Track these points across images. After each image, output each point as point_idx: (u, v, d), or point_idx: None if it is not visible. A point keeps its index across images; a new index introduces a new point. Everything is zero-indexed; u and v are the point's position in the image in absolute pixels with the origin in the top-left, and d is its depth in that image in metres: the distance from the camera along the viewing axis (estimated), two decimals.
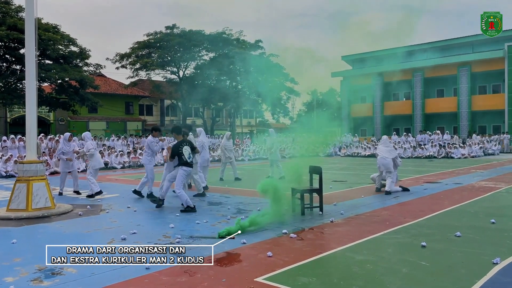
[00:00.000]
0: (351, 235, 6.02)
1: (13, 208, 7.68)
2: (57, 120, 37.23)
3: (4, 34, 23.68)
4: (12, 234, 6.31)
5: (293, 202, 7.77)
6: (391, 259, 4.85)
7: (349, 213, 7.65)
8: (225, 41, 35.44)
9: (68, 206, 8.33)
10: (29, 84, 8.13)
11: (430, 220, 7.04)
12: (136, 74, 36.53)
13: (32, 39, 8.07)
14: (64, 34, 28.52)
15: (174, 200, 9.56)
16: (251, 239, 5.75)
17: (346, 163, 21.94)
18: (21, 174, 7.93)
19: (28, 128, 8.12)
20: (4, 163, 15.64)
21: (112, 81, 42.14)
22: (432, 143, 26.74)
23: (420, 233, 6.05)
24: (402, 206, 8.40)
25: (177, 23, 40.56)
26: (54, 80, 28.23)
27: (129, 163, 19.71)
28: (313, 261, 4.82)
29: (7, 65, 27.46)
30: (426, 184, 12.03)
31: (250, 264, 4.71)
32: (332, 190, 10.74)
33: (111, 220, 7.28)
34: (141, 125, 41.98)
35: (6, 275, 4.36)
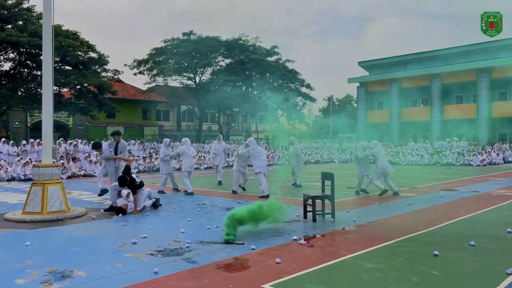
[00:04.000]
0: (362, 242, 5.94)
1: (29, 211, 7.82)
2: (76, 124, 37.90)
3: (26, 40, 24.25)
4: (26, 236, 6.42)
5: (305, 208, 7.72)
6: (401, 268, 4.77)
7: (361, 220, 7.56)
8: (241, 47, 35.61)
9: (82, 210, 8.44)
10: (46, 89, 8.29)
11: (444, 228, 6.90)
12: (153, 80, 36.97)
13: (49, 46, 8.24)
14: (84, 41, 29.09)
15: (186, 204, 9.61)
16: (260, 245, 5.73)
17: None
18: (37, 178, 8.07)
19: (44, 133, 8.28)
20: (23, 166, 15.96)
21: (130, 87, 42.72)
22: (450, 150, 26.29)
23: (433, 242, 5.94)
24: (416, 214, 8.27)
25: (194, 29, 40.95)
26: (73, 85, 28.78)
27: (144, 167, 19.89)
28: (321, 269, 4.77)
29: (28, 71, 28.12)
30: (442, 191, 11.82)
31: (258, 270, 4.69)
32: (346, 197, 10.64)
33: (122, 224, 7.35)
34: (158, 130, 42.38)
35: (18, 277, 4.43)
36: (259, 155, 11.17)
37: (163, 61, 35.43)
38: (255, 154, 11.14)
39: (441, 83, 37.31)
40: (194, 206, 9.31)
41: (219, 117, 40.88)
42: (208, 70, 37.32)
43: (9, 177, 15.77)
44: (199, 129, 38.95)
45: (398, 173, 18.65)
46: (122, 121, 40.44)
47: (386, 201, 10.01)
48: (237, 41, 35.81)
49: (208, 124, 44.67)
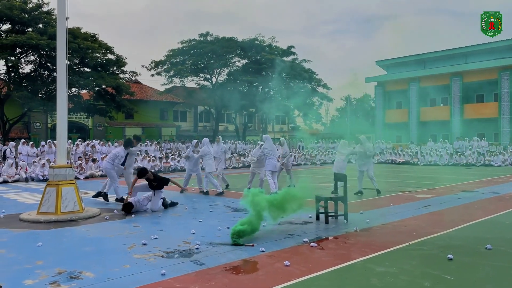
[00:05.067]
0: (374, 245, 5.82)
1: (43, 211, 7.93)
2: (95, 126, 38.45)
3: (45, 43, 24.67)
4: (40, 237, 6.50)
5: (317, 209, 7.62)
6: (413, 272, 4.64)
7: (375, 222, 7.42)
8: (258, 48, 35.56)
9: (95, 210, 8.52)
10: (60, 92, 8.43)
11: (461, 231, 6.72)
12: (171, 81, 37.22)
13: (63, 49, 8.39)
14: (102, 43, 29.44)
15: (199, 205, 9.62)
16: (270, 247, 5.67)
17: (378, 170, 21.41)
18: (51, 178, 8.18)
19: (58, 134, 8.39)
20: (41, 167, 16.25)
21: (147, 88, 43.14)
22: (470, 150, 25.73)
23: (448, 245, 5.78)
24: (432, 216, 8.08)
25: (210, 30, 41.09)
26: (92, 87, 29.17)
27: (160, 168, 20.03)
28: (330, 272, 4.68)
29: (48, 73, 28.59)
30: (461, 193, 11.55)
31: (266, 273, 4.63)
32: (360, 198, 10.49)
33: (134, 225, 7.38)
34: (175, 131, 42.68)
35: (27, 278, 4.47)
36: (272, 153, 11.12)
37: (180, 62, 35.63)
38: (269, 153, 11.08)
39: (461, 82, 36.54)
40: (206, 207, 9.30)
41: (235, 118, 40.93)
42: (224, 70, 37.40)
43: (28, 177, 16.08)
44: (216, 130, 39.04)
45: (416, 174, 18.40)
46: (140, 122, 40.85)
47: (402, 202, 9.82)
48: (253, 41, 35.76)
49: (225, 125, 44.76)
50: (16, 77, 27.43)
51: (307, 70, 37.40)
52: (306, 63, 38.25)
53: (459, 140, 29.61)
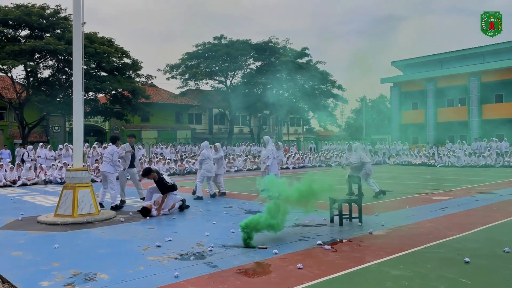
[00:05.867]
0: (389, 248, 5.76)
1: (60, 214, 8.05)
2: (112, 129, 38.94)
3: (63, 48, 25.10)
4: (56, 239, 6.60)
5: (331, 212, 7.58)
6: (429, 275, 4.57)
7: (390, 224, 7.34)
8: (272, 50, 35.58)
9: (111, 213, 8.62)
10: (76, 96, 8.55)
11: (478, 233, 6.60)
12: (186, 84, 37.50)
13: (79, 54, 8.49)
14: (118, 47, 29.84)
15: (213, 207, 9.65)
16: (283, 250, 5.65)
17: (394, 172, 21.20)
18: (68, 181, 8.30)
19: (74, 138, 8.53)
20: (59, 170, 16.52)
21: (163, 91, 43.53)
22: (489, 151, 25.25)
23: (464, 248, 5.68)
24: (449, 218, 7.95)
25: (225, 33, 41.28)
26: (109, 91, 29.57)
27: (175, 170, 20.17)
28: (344, 275, 4.64)
29: (66, 78, 29.07)
30: (478, 194, 11.34)
31: (279, 276, 4.62)
32: (375, 200, 10.38)
33: (149, 227, 7.45)
34: (190, 134, 42.94)
35: (43, 279, 4.54)
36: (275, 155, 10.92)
37: (195, 65, 35.88)
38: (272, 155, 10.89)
39: (479, 82, 35.91)
40: (220, 209, 9.33)
41: (250, 120, 40.98)
42: (238, 73, 37.51)
43: (47, 180, 16.37)
44: (231, 132, 39.17)
45: (433, 176, 18.13)
46: (155, 124, 41.23)
47: (418, 204, 9.69)
48: (267, 43, 35.80)
49: (240, 127, 44.86)
50: (35, 82, 27.97)
51: (322, 72, 37.26)
52: (321, 64, 38.14)
53: (477, 141, 29.10)
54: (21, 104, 27.43)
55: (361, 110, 57.89)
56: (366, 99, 60.33)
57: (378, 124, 54.96)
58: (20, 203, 11.20)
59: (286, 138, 45.12)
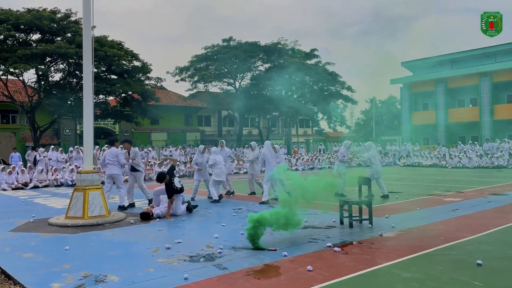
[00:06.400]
0: (400, 250, 5.70)
1: (71, 216, 8.11)
2: (122, 131, 39.21)
3: (74, 51, 25.35)
4: (67, 241, 6.65)
5: (341, 214, 7.53)
6: (440, 278, 4.52)
7: (401, 226, 7.27)
8: (280, 52, 35.55)
9: (121, 215, 8.66)
10: (87, 99, 8.62)
11: (491, 235, 6.51)
12: (195, 86, 37.61)
13: (89, 57, 8.58)
14: (128, 50, 30.05)
15: (222, 209, 9.65)
16: (293, 252, 5.63)
17: (405, 173, 21.03)
18: (79, 184, 8.37)
19: (85, 141, 8.59)
20: (70, 172, 16.66)
21: (172, 94, 43.74)
22: (501, 152, 24.93)
23: (477, 250, 5.61)
24: (461, 220, 7.86)
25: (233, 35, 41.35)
26: (119, 93, 29.80)
27: (184, 172, 20.22)
28: (354, 277, 4.60)
29: (77, 81, 29.35)
30: (491, 196, 11.20)
31: (288, 278, 4.59)
32: (386, 202, 10.30)
33: (159, 229, 7.47)
34: (200, 136, 43.08)
35: (54, 281, 4.57)
36: (272, 160, 10.66)
37: (204, 67, 35.99)
38: (269, 159, 10.60)
39: (491, 82, 35.51)
40: (229, 211, 9.33)
41: (259, 122, 40.99)
42: (247, 75, 37.54)
43: (58, 183, 16.53)
44: (240, 134, 39.20)
45: (444, 177, 17.94)
46: (165, 127, 41.43)
47: (429, 206, 9.59)
48: (276, 45, 35.77)
49: (249, 129, 44.88)
50: (46, 85, 28.27)
51: (331, 73, 37.14)
52: (330, 65, 38.02)
53: (488, 141, 28.76)
54: (33, 107, 27.74)
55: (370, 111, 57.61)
56: (376, 100, 60.00)
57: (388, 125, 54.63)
58: (31, 205, 11.31)
59: (295, 139, 45.03)
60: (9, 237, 6.98)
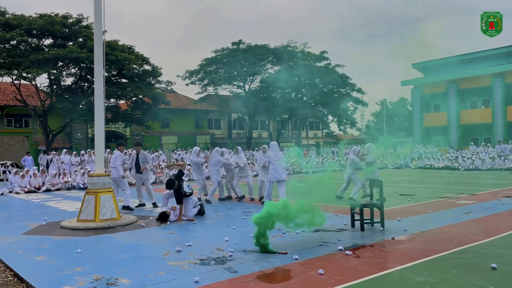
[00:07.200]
0: (412, 253, 5.63)
1: (83, 219, 8.16)
2: (133, 135, 39.49)
3: (85, 56, 25.66)
4: (79, 243, 6.69)
5: (352, 216, 7.47)
6: (454, 282, 4.45)
7: (413, 229, 7.19)
8: (290, 54, 35.53)
9: (132, 218, 8.70)
10: (98, 103, 8.70)
11: (505, 239, 6.40)
12: (205, 89, 37.76)
13: (100, 62, 8.66)
14: (138, 54, 30.31)
15: (233, 212, 9.64)
16: (304, 255, 5.59)
17: (416, 175, 20.83)
18: (90, 187, 8.43)
19: (96, 144, 8.66)
20: (82, 176, 16.80)
21: (182, 97, 43.97)
22: None
23: (491, 253, 5.52)
24: (474, 223, 7.75)
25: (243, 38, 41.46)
26: (129, 97, 30.07)
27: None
28: (366, 281, 4.55)
29: (88, 85, 29.69)
30: (505, 198, 11.02)
31: (299, 281, 4.56)
32: (397, 205, 10.21)
33: (169, 232, 7.48)
34: (210, 139, 43.21)
35: (66, 284, 4.59)
36: (278, 162, 10.37)
37: (214, 71, 36.13)
38: (274, 161, 10.33)
39: (504, 83, 35.05)
40: (240, 214, 9.32)
41: (269, 124, 40.99)
42: (257, 78, 37.58)
43: (70, 186, 16.68)
44: (250, 137, 39.22)
45: (456, 179, 17.72)
46: (175, 130, 41.63)
47: (442, 209, 9.47)
48: (286, 48, 35.78)
49: (259, 131, 44.88)
50: (58, 89, 28.63)
51: (341, 75, 37.01)
52: (340, 68, 37.89)
53: (501, 143, 28.37)
54: (45, 111, 28.10)
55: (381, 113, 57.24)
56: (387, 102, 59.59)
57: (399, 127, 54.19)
58: (44, 208, 11.42)
59: (305, 142, 44.92)
60: (22, 240, 7.05)
